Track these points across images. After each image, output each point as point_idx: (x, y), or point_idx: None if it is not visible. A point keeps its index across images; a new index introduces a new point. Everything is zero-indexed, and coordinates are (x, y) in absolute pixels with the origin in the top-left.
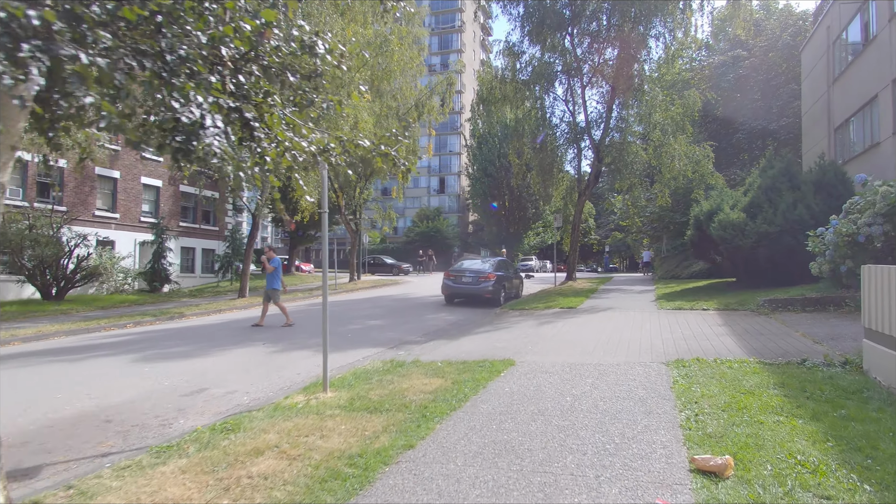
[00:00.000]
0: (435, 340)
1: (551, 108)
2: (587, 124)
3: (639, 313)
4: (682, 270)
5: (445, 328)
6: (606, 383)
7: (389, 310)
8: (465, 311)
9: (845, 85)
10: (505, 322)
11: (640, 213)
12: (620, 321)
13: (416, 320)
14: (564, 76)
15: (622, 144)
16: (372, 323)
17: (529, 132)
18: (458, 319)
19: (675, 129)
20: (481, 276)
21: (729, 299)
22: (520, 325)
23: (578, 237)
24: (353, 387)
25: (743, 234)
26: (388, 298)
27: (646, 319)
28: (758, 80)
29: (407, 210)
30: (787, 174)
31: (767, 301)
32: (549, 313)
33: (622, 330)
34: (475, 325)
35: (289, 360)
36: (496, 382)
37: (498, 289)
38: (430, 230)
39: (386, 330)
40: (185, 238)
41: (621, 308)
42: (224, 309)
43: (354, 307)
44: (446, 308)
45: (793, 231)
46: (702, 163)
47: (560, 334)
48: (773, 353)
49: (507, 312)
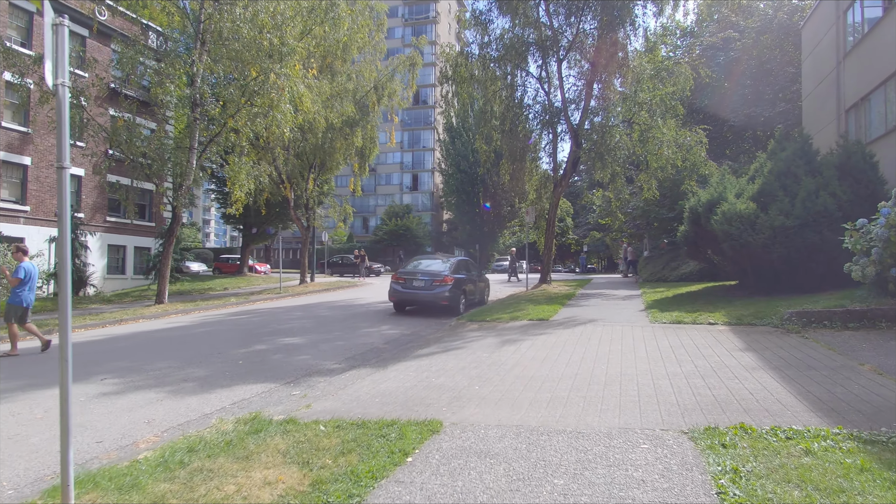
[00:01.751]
0: (355, 369)
1: (523, 87)
2: (564, 105)
3: (628, 329)
4: (669, 272)
5: (379, 348)
6: (593, 490)
7: (321, 321)
8: (415, 322)
9: (861, 58)
10: (457, 340)
11: (623, 207)
12: (605, 342)
13: (347, 335)
14: (538, 51)
15: (604, 128)
16: (286, 341)
17: (499, 114)
18: (401, 334)
19: (664, 111)
20: (436, 279)
21: (739, 310)
22: (474, 344)
23: (554, 234)
24: (127, 493)
25: (753, 229)
26: (330, 305)
27: (639, 339)
28: (750, 64)
29: (379, 208)
30: (804, 156)
31: (795, 314)
32: (514, 327)
33: (609, 358)
34: (419, 343)
35: (114, 409)
36: (388, 486)
37: (456, 294)
38: (400, 228)
39: (299, 351)
40: (114, 235)
41: (605, 321)
42: (126, 319)
43: (280, 317)
44: (393, 318)
45: (815, 224)
46: (693, 150)
47: (523, 364)
48: (853, 409)
49: (464, 325)
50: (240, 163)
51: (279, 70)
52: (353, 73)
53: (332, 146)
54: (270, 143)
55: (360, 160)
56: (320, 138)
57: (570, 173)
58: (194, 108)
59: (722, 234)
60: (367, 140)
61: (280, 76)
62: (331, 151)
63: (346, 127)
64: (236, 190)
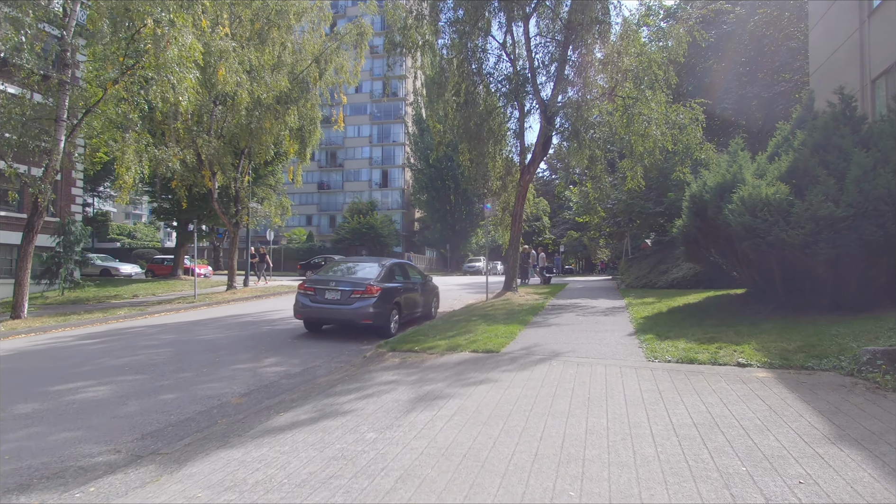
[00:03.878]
0: (124, 471)
1: (482, 52)
2: (532, 73)
3: (615, 372)
4: (656, 277)
5: (225, 406)
6: None
7: (189, 348)
8: (322, 348)
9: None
10: (350, 394)
11: (603, 200)
12: (579, 405)
13: (197, 379)
14: (501, 9)
15: (580, 103)
16: (84, 394)
17: (453, 85)
18: (283, 375)
19: (653, 80)
20: (357, 289)
21: (774, 338)
22: (370, 406)
23: (521, 231)
24: None
25: (787, 221)
26: (231, 321)
27: (635, 401)
28: (743, 39)
29: (347, 206)
30: (849, 123)
31: (882, 354)
32: (447, 365)
33: (586, 455)
34: (290, 398)
35: None
36: None
37: (385, 310)
38: (363, 227)
39: (78, 417)
40: (5, 232)
41: (579, 354)
42: None
43: (137, 342)
44: (294, 343)
45: (876, 214)
46: (688, 129)
47: (425, 465)
48: None
49: (381, 358)
50: (126, 139)
51: (160, 15)
52: (288, 41)
53: (259, 126)
54: (168, 119)
55: (301, 145)
56: (244, 116)
57: (539, 157)
58: (63, 68)
59: (741, 228)
60: (307, 121)
61: (162, 24)
62: (258, 132)
63: (277, 104)
64: (122, 172)
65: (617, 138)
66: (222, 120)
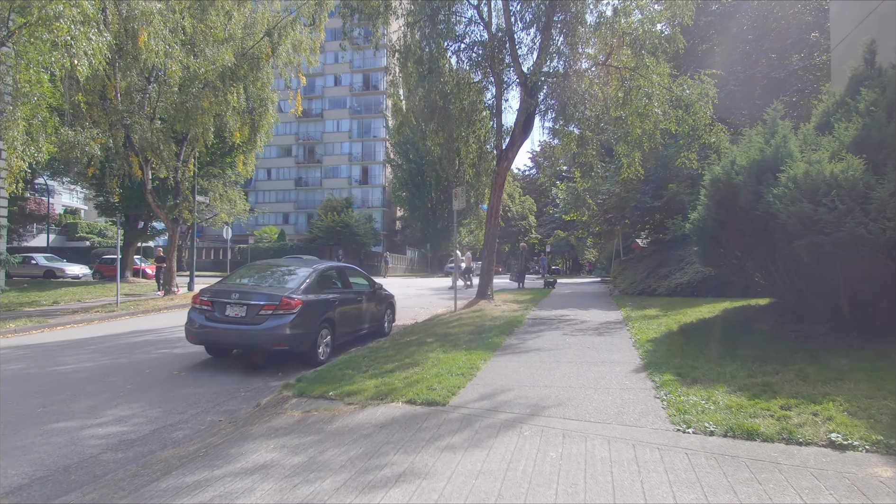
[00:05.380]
0: None
1: (452, 14)
2: (510, 38)
3: (626, 464)
4: (657, 282)
5: None
6: None
7: (7, 389)
8: (203, 388)
9: None
10: (183, 494)
11: (594, 193)
12: None
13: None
14: None
15: (568, 72)
16: None
17: (415, 51)
18: (104, 448)
19: (655, 46)
20: (269, 304)
21: (870, 388)
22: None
23: (497, 228)
24: None
25: (864, 211)
26: (123, 341)
27: None
28: (750, 11)
29: (322, 203)
30: None
31: None
32: (364, 431)
33: None
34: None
35: None
36: None
37: (309, 330)
38: (338, 225)
39: None
40: None
41: (566, 410)
42: None
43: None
44: (169, 382)
45: None
46: (695, 107)
47: None
48: None
49: (277, 410)
50: (12, 112)
51: None
52: (234, 10)
53: (195, 105)
54: (81, 92)
55: (251, 130)
56: (177, 94)
57: (518, 140)
58: None
59: (795, 221)
60: (256, 102)
61: None
62: (194, 112)
63: (219, 81)
64: (10, 154)
65: (611, 118)
66: (156, 100)
